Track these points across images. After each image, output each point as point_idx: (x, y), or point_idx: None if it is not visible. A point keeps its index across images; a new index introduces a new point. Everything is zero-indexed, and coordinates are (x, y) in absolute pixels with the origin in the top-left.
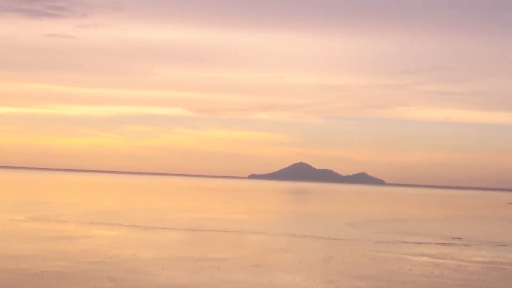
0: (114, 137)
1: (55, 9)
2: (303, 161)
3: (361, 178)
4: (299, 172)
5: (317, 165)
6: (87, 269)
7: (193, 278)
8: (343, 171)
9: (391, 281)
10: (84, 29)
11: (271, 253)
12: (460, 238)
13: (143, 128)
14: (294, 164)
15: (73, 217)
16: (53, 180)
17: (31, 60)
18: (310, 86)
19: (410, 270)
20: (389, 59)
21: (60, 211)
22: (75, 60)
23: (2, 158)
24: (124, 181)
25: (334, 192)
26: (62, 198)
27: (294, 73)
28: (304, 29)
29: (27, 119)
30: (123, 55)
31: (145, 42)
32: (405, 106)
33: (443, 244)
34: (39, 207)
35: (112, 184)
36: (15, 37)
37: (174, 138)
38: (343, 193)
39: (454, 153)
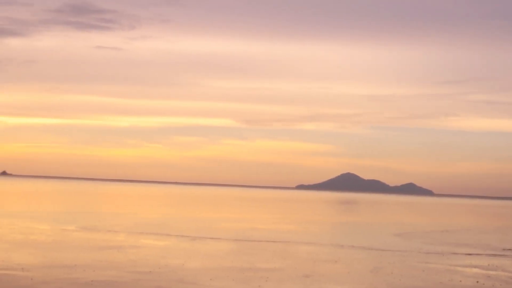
0: (162, 148)
1: (103, 22)
2: (351, 172)
3: (409, 189)
4: (347, 182)
5: (365, 175)
6: (137, 279)
7: None
8: (391, 181)
9: None
10: (132, 41)
11: (319, 263)
12: (511, 250)
13: (190, 139)
14: (342, 175)
15: (122, 227)
16: (102, 191)
17: (80, 72)
18: (357, 96)
19: (460, 281)
20: (436, 69)
21: (110, 221)
22: (124, 72)
23: (53, 169)
24: (172, 191)
25: (382, 202)
26: (111, 208)
27: (341, 83)
28: (351, 39)
29: (77, 130)
30: (170, 66)
31: (193, 53)
32: (453, 116)
33: (494, 255)
34: (89, 217)
35: (160, 194)
36: (65, 50)
37: (221, 149)
38: (391, 204)
39: (503, 163)
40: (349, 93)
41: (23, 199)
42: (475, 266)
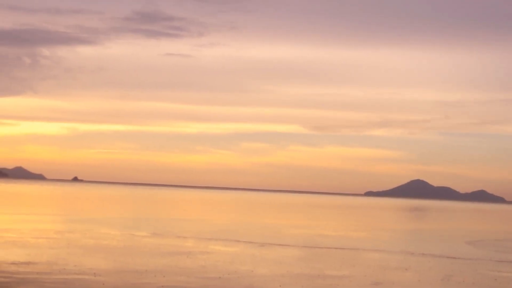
0: (230, 154)
1: (173, 29)
2: (420, 178)
3: (481, 196)
4: (416, 189)
5: (435, 182)
6: (206, 285)
7: None
8: (461, 188)
9: None
10: (201, 48)
11: (389, 271)
12: None
13: (258, 145)
14: (411, 181)
15: (191, 233)
16: (171, 197)
17: (149, 79)
18: (427, 102)
19: None
20: (508, 74)
21: (179, 227)
22: (192, 78)
23: (123, 175)
24: (240, 197)
25: (453, 209)
26: (180, 214)
27: (410, 89)
28: (422, 45)
29: (146, 136)
30: (239, 73)
31: (261, 60)
32: None
33: None
34: (159, 223)
35: (228, 200)
36: (135, 57)
37: (289, 155)
38: (462, 211)
39: None
40: (419, 99)
41: (94, 205)
42: None
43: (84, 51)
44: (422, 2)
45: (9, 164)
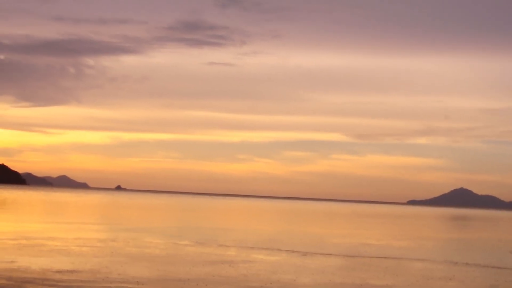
0: (272, 163)
1: (215, 38)
2: (464, 187)
3: None
4: (460, 198)
5: (479, 191)
6: None
7: None
8: (506, 197)
9: None
10: (243, 56)
11: (433, 281)
12: None
13: (300, 154)
14: (455, 190)
15: (234, 242)
16: (213, 205)
17: (192, 88)
18: (470, 110)
19: None
20: None
21: (221, 235)
22: (235, 87)
23: (166, 184)
24: (282, 206)
25: (497, 218)
26: (223, 223)
27: (454, 97)
28: (465, 52)
29: (189, 145)
30: (281, 81)
31: (304, 68)
32: None
33: None
34: (201, 231)
35: (270, 209)
36: (178, 66)
37: (331, 164)
38: (507, 220)
39: None
40: (462, 107)
41: (137, 214)
42: None
43: (128, 61)
44: (467, 9)
45: (54, 173)
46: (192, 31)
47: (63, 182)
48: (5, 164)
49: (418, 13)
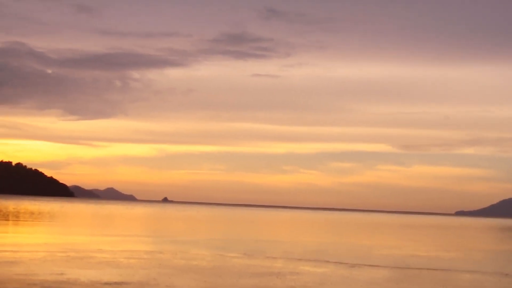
0: (318, 174)
1: (260, 50)
2: None
3: None
4: (509, 208)
5: None
6: None
7: None
8: None
9: None
10: (288, 68)
11: None
12: None
13: (346, 165)
14: (503, 201)
15: (281, 254)
16: (259, 217)
17: (237, 100)
18: None
19: None
20: None
21: (268, 247)
22: (280, 99)
23: (212, 195)
24: (328, 217)
25: None
26: (269, 234)
27: (502, 106)
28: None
29: (234, 157)
30: (326, 93)
31: (349, 79)
32: None
33: None
34: (248, 243)
35: (316, 220)
36: (222, 78)
37: (377, 174)
38: None
39: None
40: (510, 116)
41: (184, 226)
42: None
43: (173, 74)
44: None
45: (101, 186)
46: (237, 44)
47: (111, 195)
48: (54, 177)
49: (464, 22)
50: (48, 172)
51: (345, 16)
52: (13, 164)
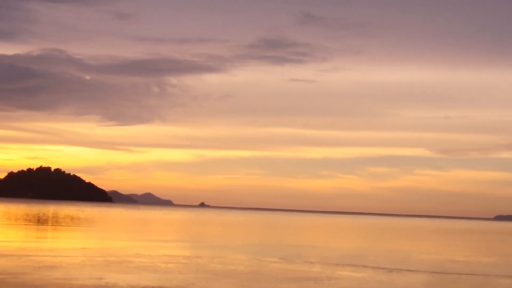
0: (355, 179)
1: (297, 55)
2: None
3: None
4: None
5: None
6: None
7: None
8: None
9: None
10: (325, 73)
11: None
12: None
13: (384, 169)
14: None
15: (318, 258)
16: (296, 222)
17: (274, 105)
18: None
19: None
20: None
21: (306, 252)
22: (317, 103)
23: (249, 200)
24: (366, 222)
25: None
26: (306, 239)
27: None
28: None
29: (271, 162)
30: (363, 97)
31: (386, 84)
32: None
33: None
34: (285, 248)
35: (354, 225)
36: (259, 83)
37: (415, 179)
38: None
39: None
40: None
41: (221, 230)
42: None
43: (211, 79)
44: None
45: (139, 191)
46: (273, 49)
47: (148, 200)
48: (92, 182)
49: (502, 26)
50: (86, 178)
51: (382, 21)
52: (52, 169)
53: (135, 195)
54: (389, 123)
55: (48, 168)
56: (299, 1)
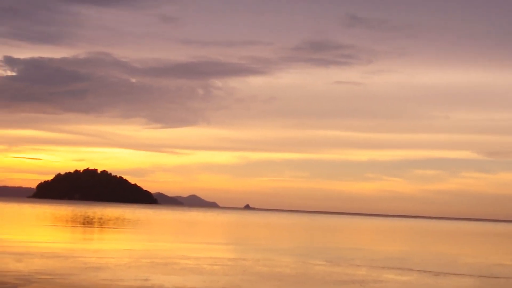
0: (402, 181)
1: (342, 57)
2: None
3: None
4: None
5: None
6: None
7: None
8: None
9: None
10: (370, 75)
11: None
12: None
13: (430, 172)
14: None
15: (363, 261)
16: (342, 224)
17: (320, 108)
18: None
19: None
20: None
21: (351, 255)
22: (362, 106)
23: (294, 203)
24: (412, 225)
25: None
26: (352, 242)
27: None
28: None
29: (317, 164)
30: (409, 99)
31: (431, 85)
32: None
33: None
34: (331, 250)
35: (400, 228)
36: (304, 86)
37: (462, 182)
38: None
39: None
40: None
41: (266, 233)
42: None
43: (255, 81)
44: None
45: (184, 193)
46: (318, 51)
47: (193, 202)
48: (138, 184)
49: None
50: (132, 180)
51: (427, 22)
52: (99, 171)
53: (180, 197)
54: (435, 125)
55: (95, 170)
56: (345, 3)
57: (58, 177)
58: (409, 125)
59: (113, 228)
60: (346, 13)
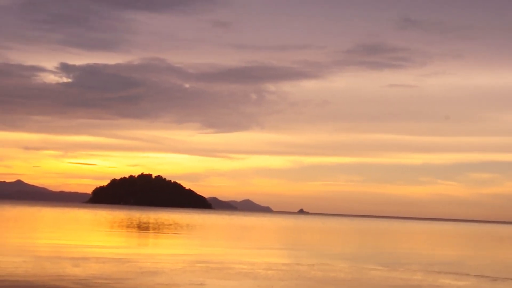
0: (456, 185)
1: (396, 60)
2: None
3: None
4: None
5: None
6: None
7: None
8: None
9: None
10: (424, 78)
11: None
12: None
13: (486, 175)
14: None
15: (419, 266)
16: (396, 228)
17: (373, 111)
18: None
19: None
20: None
21: (406, 259)
22: (416, 109)
23: (348, 207)
24: (467, 229)
25: None
26: (407, 246)
27: None
28: None
29: (370, 168)
30: (464, 102)
31: (487, 88)
32: None
33: None
34: (385, 255)
35: (455, 232)
36: (358, 89)
37: None
38: None
39: None
40: None
41: (320, 237)
42: None
43: (308, 85)
44: None
45: (238, 197)
46: (372, 54)
47: (247, 206)
48: (192, 189)
49: None
50: (186, 184)
51: (481, 24)
52: (153, 176)
53: (234, 201)
54: (490, 128)
55: (149, 175)
56: (398, 5)
57: (114, 183)
58: (463, 128)
59: (168, 233)
60: (399, 15)
